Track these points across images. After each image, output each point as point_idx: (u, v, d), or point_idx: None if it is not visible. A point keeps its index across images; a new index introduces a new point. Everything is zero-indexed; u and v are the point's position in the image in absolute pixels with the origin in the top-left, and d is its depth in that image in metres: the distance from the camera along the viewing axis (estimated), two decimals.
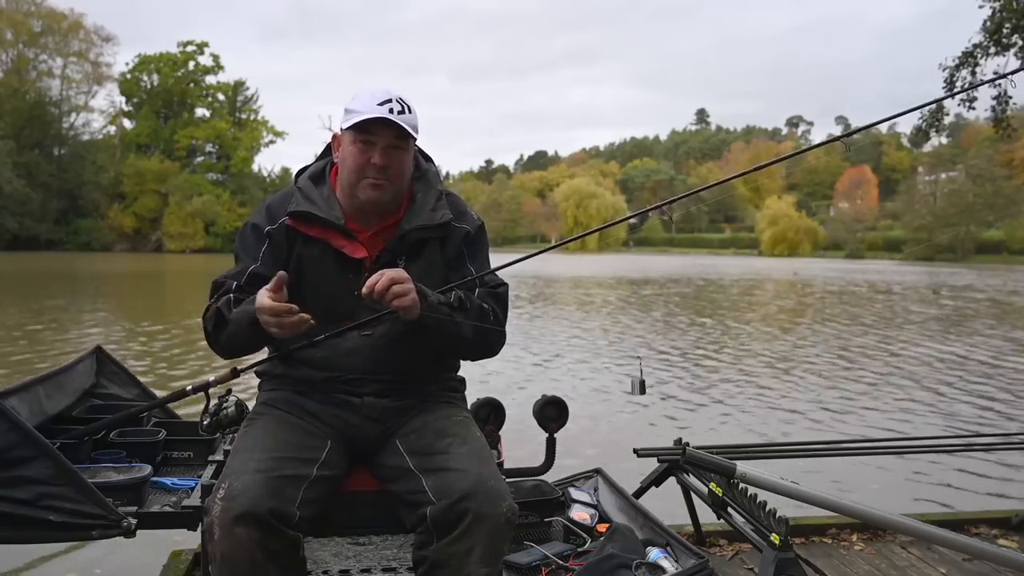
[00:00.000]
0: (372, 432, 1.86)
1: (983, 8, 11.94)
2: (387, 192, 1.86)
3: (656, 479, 2.83)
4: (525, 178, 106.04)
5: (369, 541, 2.11)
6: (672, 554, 2.10)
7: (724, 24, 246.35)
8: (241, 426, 1.89)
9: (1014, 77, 2.62)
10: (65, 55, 60.22)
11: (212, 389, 1.97)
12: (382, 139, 1.81)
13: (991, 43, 11.93)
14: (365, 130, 1.81)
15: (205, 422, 1.98)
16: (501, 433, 2.30)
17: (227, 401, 1.98)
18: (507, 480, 1.78)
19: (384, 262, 1.86)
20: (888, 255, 67.12)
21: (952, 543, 2.53)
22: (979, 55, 12.03)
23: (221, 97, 64.67)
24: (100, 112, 68.64)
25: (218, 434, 2.10)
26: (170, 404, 2.35)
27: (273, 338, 1.80)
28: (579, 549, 2.23)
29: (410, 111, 1.83)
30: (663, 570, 2.03)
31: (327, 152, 2.02)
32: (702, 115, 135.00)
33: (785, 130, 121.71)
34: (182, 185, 57.19)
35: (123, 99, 63.84)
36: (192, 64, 63.55)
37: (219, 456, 2.00)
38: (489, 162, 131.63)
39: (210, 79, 64.17)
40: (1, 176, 49.49)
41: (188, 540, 2.52)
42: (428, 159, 2.05)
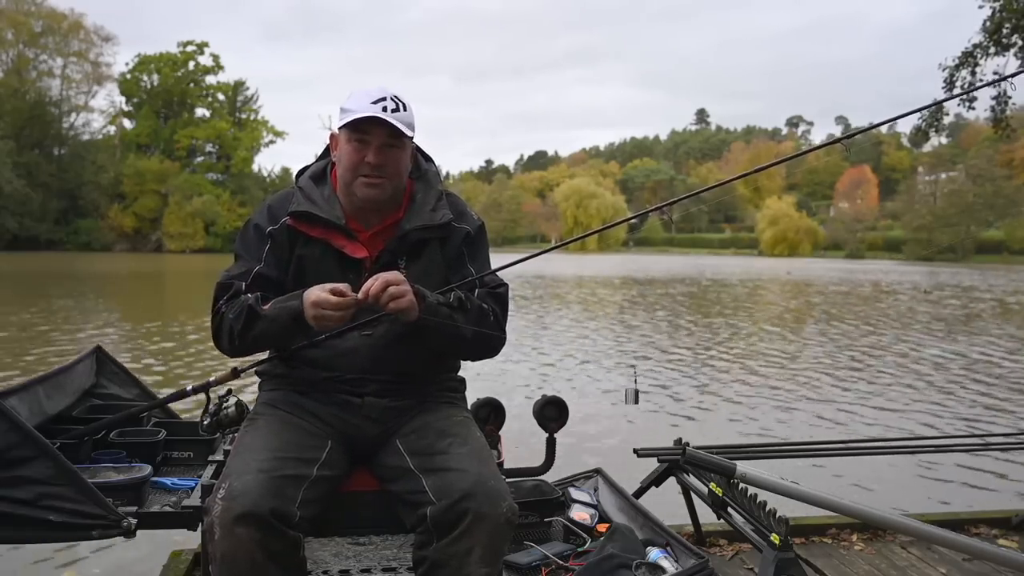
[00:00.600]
0: (372, 432, 1.86)
1: (983, 8, 11.96)
2: (384, 190, 1.86)
3: (656, 479, 2.83)
4: (525, 178, 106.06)
5: (369, 541, 2.11)
6: (672, 554, 2.10)
7: (726, 25, 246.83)
8: (241, 426, 1.89)
9: (1014, 80, 2.62)
10: (65, 55, 60.26)
11: (212, 389, 1.97)
12: (376, 138, 1.81)
13: (991, 43, 11.93)
14: (359, 129, 1.81)
15: (205, 422, 1.98)
16: (501, 433, 2.30)
17: (227, 401, 1.98)
18: (507, 480, 1.78)
19: (384, 262, 1.86)
20: (888, 255, 67.15)
21: (952, 543, 2.53)
22: (979, 55, 12.04)
23: (221, 97, 64.67)
24: (100, 112, 68.64)
25: (218, 434, 2.10)
26: (170, 404, 2.34)
27: (289, 337, 1.83)
28: (579, 549, 2.23)
29: (405, 108, 1.83)
30: (663, 570, 2.03)
31: (328, 152, 2.02)
32: (702, 115, 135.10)
33: (785, 130, 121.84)
34: (182, 185, 57.17)
35: (123, 99, 63.93)
36: (192, 64, 63.55)
37: (219, 456, 2.00)
38: (489, 162, 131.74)
39: (210, 79, 64.23)
40: (1, 176, 49.47)
41: (188, 540, 2.52)
42: (428, 159, 2.05)
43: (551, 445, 2.49)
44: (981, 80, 12.07)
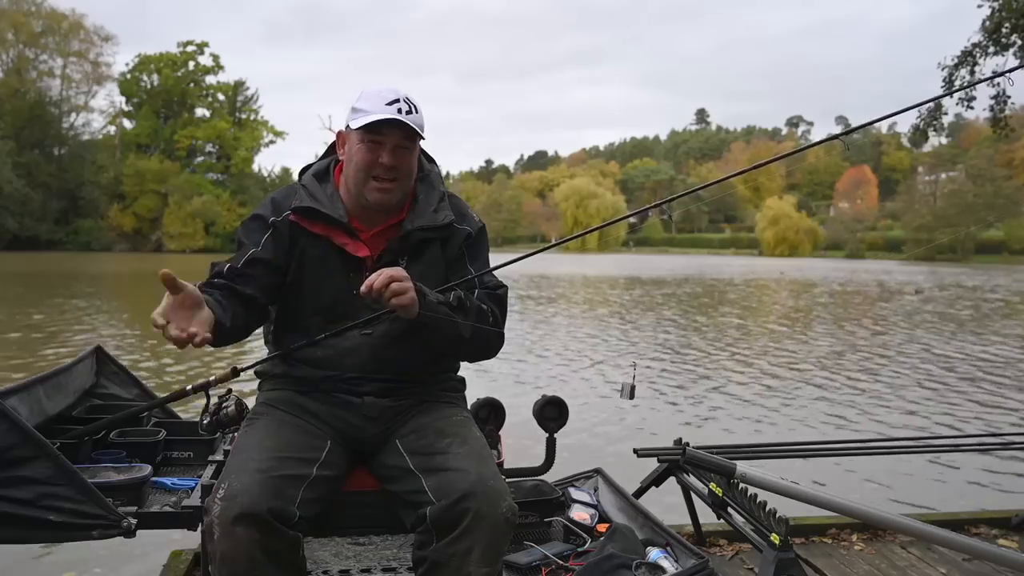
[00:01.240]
0: (372, 432, 1.86)
1: (982, 8, 11.95)
2: (394, 194, 1.86)
3: (656, 479, 2.83)
4: (525, 178, 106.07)
5: (369, 541, 2.11)
6: (672, 554, 2.10)
7: (728, 25, 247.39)
8: (241, 426, 1.89)
9: (1012, 75, 2.62)
10: (65, 55, 60.26)
11: (212, 389, 1.97)
12: (391, 139, 1.81)
13: (990, 43, 11.93)
14: (374, 130, 1.80)
15: (205, 422, 1.97)
16: (501, 433, 2.30)
17: (227, 401, 1.98)
18: (507, 480, 1.78)
19: (386, 261, 1.86)
20: (888, 255, 67.15)
21: (952, 543, 2.53)
22: (978, 55, 12.03)
23: (221, 97, 64.69)
24: (100, 112, 68.58)
25: (218, 434, 2.10)
26: (170, 404, 2.34)
27: (270, 334, 1.84)
28: (579, 549, 2.23)
29: (417, 111, 1.83)
30: (663, 570, 2.03)
31: (331, 151, 2.02)
32: (702, 115, 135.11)
33: (785, 130, 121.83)
34: (182, 185, 57.17)
35: (123, 99, 63.97)
36: (192, 64, 63.58)
37: (219, 456, 2.00)
38: (489, 162, 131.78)
39: (210, 79, 64.28)
40: (1, 176, 49.47)
41: (188, 540, 2.52)
42: (431, 160, 2.05)
43: (551, 445, 2.49)
44: (979, 78, 12.06)
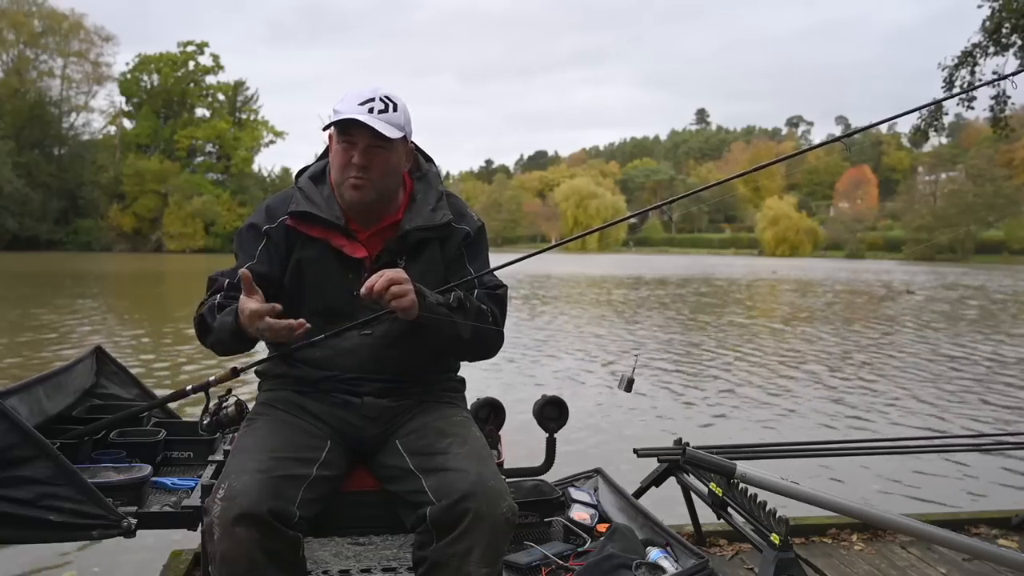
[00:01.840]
0: (372, 432, 1.86)
1: (982, 8, 11.95)
2: (368, 192, 1.84)
3: (656, 479, 2.83)
4: (525, 178, 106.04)
5: (369, 541, 2.11)
6: (672, 554, 2.10)
7: (730, 26, 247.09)
8: (241, 426, 1.89)
9: (1014, 78, 2.62)
10: (65, 55, 60.27)
11: (212, 389, 1.97)
12: (361, 139, 1.81)
13: (990, 43, 11.92)
14: (344, 131, 1.81)
15: (205, 422, 1.97)
16: (501, 433, 2.30)
17: (227, 401, 1.98)
18: (507, 480, 1.78)
19: (384, 262, 1.86)
20: (888, 255, 67.17)
21: (952, 543, 2.53)
22: (978, 55, 12.03)
23: (221, 97, 64.69)
24: (100, 112, 68.81)
25: (218, 434, 2.10)
26: (170, 404, 2.34)
27: (242, 347, 1.83)
28: (579, 549, 2.22)
29: (395, 109, 1.82)
30: (663, 570, 2.03)
31: (327, 152, 2.02)
32: (702, 115, 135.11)
33: (785, 130, 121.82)
34: (182, 185, 57.17)
35: (123, 99, 63.96)
36: (192, 64, 63.58)
37: (219, 456, 2.00)
38: (489, 162, 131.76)
39: (210, 79, 64.29)
40: (1, 176, 49.48)
41: (188, 540, 2.52)
42: (429, 159, 2.04)
43: (551, 445, 2.49)
44: (980, 80, 12.06)
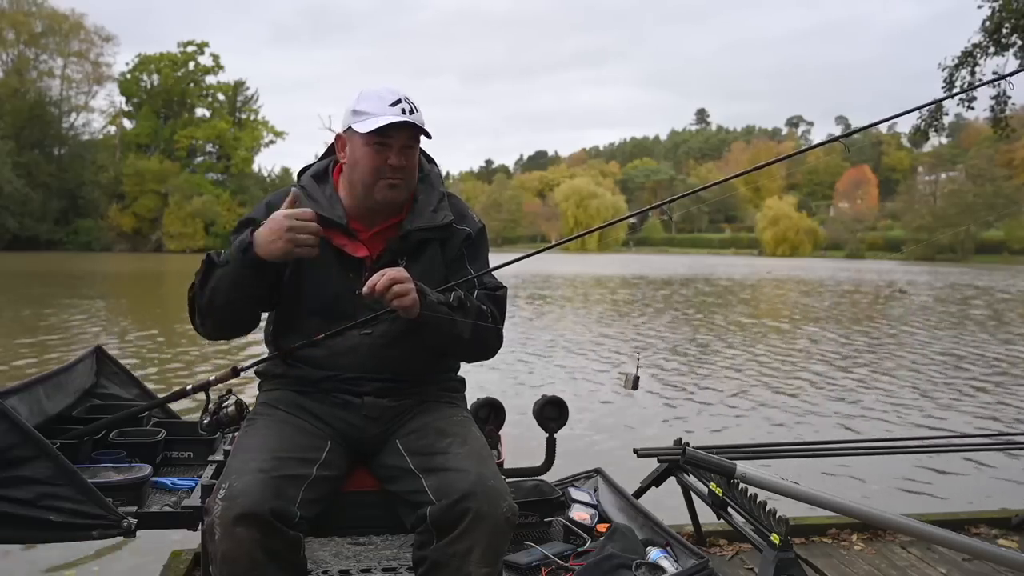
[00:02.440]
0: (372, 432, 1.86)
1: (982, 8, 11.94)
2: (403, 192, 1.87)
3: (656, 479, 2.83)
4: (525, 178, 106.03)
5: (369, 541, 2.11)
6: (672, 554, 2.10)
7: (732, 26, 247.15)
8: (241, 426, 1.89)
9: (1012, 78, 2.62)
10: (65, 55, 60.27)
11: (212, 389, 1.97)
12: (398, 140, 1.82)
13: (990, 43, 11.91)
14: (381, 132, 1.80)
15: (205, 422, 1.97)
16: (501, 433, 2.30)
17: (227, 401, 1.98)
18: (507, 480, 1.78)
19: (385, 262, 1.86)
20: (888, 255, 67.15)
21: (952, 543, 2.53)
22: (978, 55, 12.02)
23: (221, 97, 64.71)
24: (100, 112, 68.79)
25: (218, 434, 2.10)
26: (170, 404, 2.34)
27: (261, 302, 1.80)
28: (579, 549, 2.23)
29: (417, 109, 1.84)
30: (663, 570, 2.03)
31: (329, 152, 2.01)
32: (702, 115, 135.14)
33: (785, 130, 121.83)
34: (182, 185, 57.17)
35: (123, 99, 63.97)
36: (192, 64, 63.59)
37: (219, 456, 2.00)
38: (489, 162, 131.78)
39: (210, 79, 64.31)
40: (1, 176, 49.46)
41: (188, 540, 2.52)
42: (430, 160, 2.05)
43: (551, 445, 2.49)
44: (980, 80, 12.05)
